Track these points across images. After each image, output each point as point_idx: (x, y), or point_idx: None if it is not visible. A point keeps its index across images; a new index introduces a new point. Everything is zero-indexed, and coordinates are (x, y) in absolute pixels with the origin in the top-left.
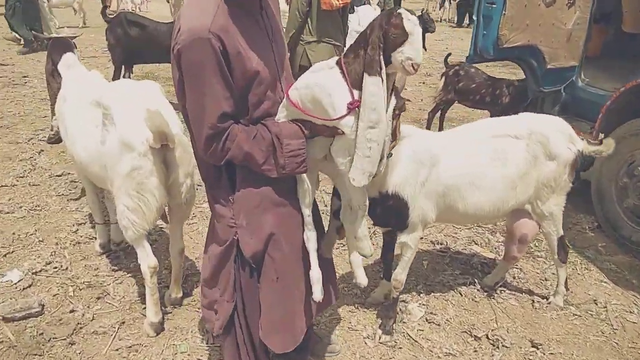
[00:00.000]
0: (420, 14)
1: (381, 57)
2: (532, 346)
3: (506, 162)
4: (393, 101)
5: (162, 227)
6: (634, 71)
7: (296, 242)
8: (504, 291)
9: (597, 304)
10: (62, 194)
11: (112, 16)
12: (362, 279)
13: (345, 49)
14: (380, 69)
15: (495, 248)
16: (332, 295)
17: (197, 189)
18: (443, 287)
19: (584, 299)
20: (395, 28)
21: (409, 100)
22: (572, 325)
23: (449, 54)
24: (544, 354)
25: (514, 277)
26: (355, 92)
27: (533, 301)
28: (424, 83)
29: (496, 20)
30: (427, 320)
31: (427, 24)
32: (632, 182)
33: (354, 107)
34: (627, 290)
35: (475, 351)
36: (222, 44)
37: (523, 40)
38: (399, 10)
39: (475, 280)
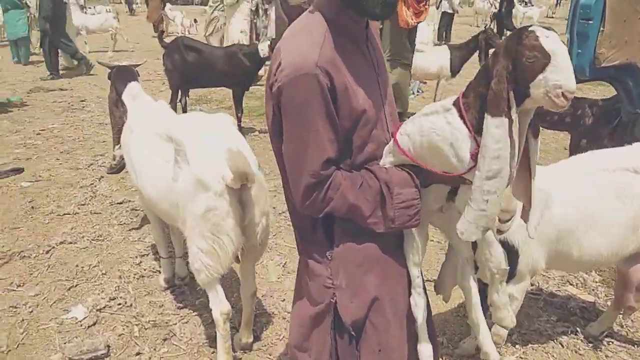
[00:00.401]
0: (484, 29)
1: (510, 92)
2: None
3: (627, 200)
4: (534, 145)
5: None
6: None
7: (400, 308)
8: (612, 342)
9: None
10: (124, 223)
11: (169, 42)
12: (494, 357)
13: (464, 88)
14: (509, 107)
15: (593, 290)
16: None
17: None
18: (540, 336)
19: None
20: (531, 50)
21: None
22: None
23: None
24: None
25: (622, 326)
26: (479, 138)
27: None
28: None
29: (593, 37)
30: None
31: (491, 40)
32: None
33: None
34: None
35: None
36: (329, 80)
37: (622, 58)
38: (530, 28)
39: (577, 328)
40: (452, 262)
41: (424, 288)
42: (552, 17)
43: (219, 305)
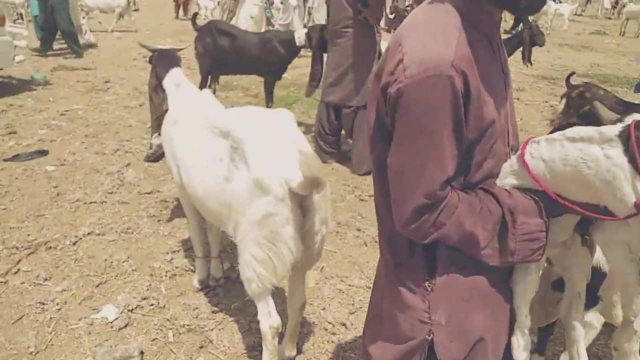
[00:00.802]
0: (529, 25)
1: None
2: None
3: None
4: None
5: None
6: None
7: (499, 349)
8: None
9: None
10: (153, 215)
11: (202, 25)
12: None
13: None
14: None
15: None
16: None
17: None
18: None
19: None
20: None
21: None
22: None
23: (573, 73)
24: None
25: None
26: None
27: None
28: (518, 99)
29: None
30: None
31: (536, 37)
32: None
33: None
34: None
35: None
36: (464, 84)
37: None
38: None
39: None
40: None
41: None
42: (582, 15)
43: (269, 318)
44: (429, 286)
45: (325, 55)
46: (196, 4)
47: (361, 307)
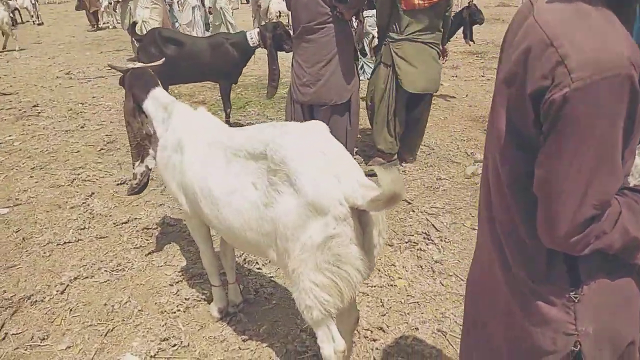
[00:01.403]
0: (467, 4)
1: None
2: None
3: None
4: None
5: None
6: None
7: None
8: None
9: None
10: (140, 246)
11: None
12: None
13: None
14: None
15: None
16: None
17: None
18: None
19: None
20: None
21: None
22: None
23: None
24: None
25: None
26: None
27: None
28: (456, 77)
29: None
30: None
31: (475, 16)
32: None
33: None
34: None
35: None
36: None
37: None
38: None
39: None
40: None
41: None
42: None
43: (333, 343)
44: (575, 297)
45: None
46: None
47: (390, 307)
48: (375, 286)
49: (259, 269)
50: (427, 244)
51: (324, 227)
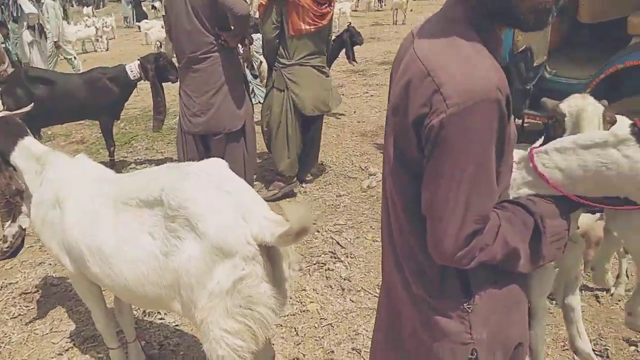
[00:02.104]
0: (347, 27)
1: None
2: (630, 345)
3: None
4: None
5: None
6: (599, 59)
7: (527, 345)
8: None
9: None
10: (19, 315)
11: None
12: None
13: None
14: None
15: None
16: None
17: None
18: None
19: (634, 281)
20: None
21: (342, 114)
22: None
23: None
24: None
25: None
26: None
27: (597, 297)
28: (343, 95)
29: None
30: None
31: (354, 37)
32: None
33: None
34: None
35: None
36: (507, 105)
37: (526, 43)
38: None
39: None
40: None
41: None
42: (357, 10)
43: None
44: (468, 307)
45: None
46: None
47: (305, 334)
48: (287, 315)
49: (161, 319)
50: (334, 263)
51: (232, 269)
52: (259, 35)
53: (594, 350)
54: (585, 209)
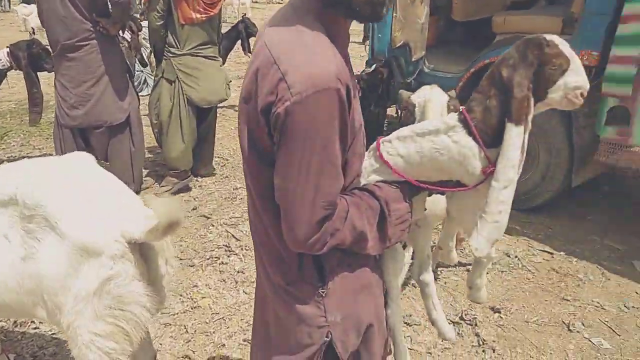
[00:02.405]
0: (242, 18)
1: (531, 99)
2: (495, 312)
3: None
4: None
5: None
6: (471, 55)
7: (383, 326)
8: (443, 271)
9: (509, 256)
10: None
11: None
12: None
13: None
14: (529, 114)
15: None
16: None
17: None
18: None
19: (499, 255)
20: (557, 58)
21: None
22: (506, 281)
23: None
24: (508, 316)
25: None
26: (489, 152)
27: (468, 271)
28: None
29: (389, 22)
30: (407, 324)
31: (249, 29)
32: None
33: (490, 172)
34: (519, 236)
35: (462, 336)
36: (347, 94)
37: (404, 39)
38: (548, 38)
39: None
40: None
41: None
42: (257, 2)
43: None
44: (323, 292)
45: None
46: None
47: (195, 331)
48: (177, 313)
49: (35, 328)
50: (228, 256)
51: (99, 269)
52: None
53: (464, 319)
54: (433, 192)
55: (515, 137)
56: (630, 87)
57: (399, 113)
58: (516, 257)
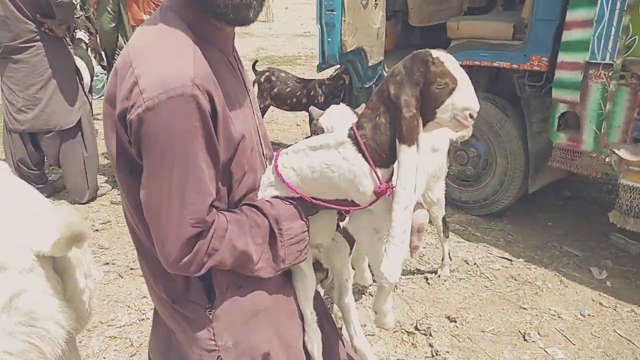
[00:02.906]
0: None
1: (420, 119)
2: (451, 321)
3: None
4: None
5: None
6: None
7: (298, 350)
8: (401, 279)
9: (468, 263)
10: None
11: None
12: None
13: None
14: (419, 134)
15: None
16: None
17: None
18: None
19: (457, 262)
20: (441, 77)
21: None
22: (464, 289)
23: (256, 61)
24: (463, 325)
25: (408, 261)
26: (380, 172)
27: (427, 279)
28: None
29: (338, 27)
30: None
31: None
32: (452, 153)
33: (384, 193)
34: (478, 243)
35: (416, 347)
36: (210, 101)
37: (356, 44)
38: (433, 55)
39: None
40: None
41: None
42: None
43: None
44: (210, 314)
45: None
46: None
47: (141, 344)
48: (124, 325)
49: None
50: None
51: (6, 284)
52: None
53: (418, 329)
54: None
55: (409, 158)
56: (578, 93)
57: (310, 134)
58: (475, 264)
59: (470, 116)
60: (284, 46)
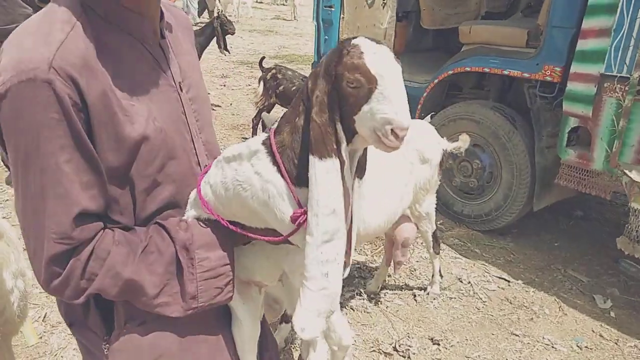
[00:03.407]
0: (217, 15)
1: (338, 124)
2: (434, 344)
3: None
4: (357, 188)
5: None
6: (438, 64)
7: None
8: (387, 293)
9: (462, 282)
10: None
11: None
12: None
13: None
14: (338, 144)
15: (362, 250)
16: None
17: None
18: None
19: (451, 279)
20: (352, 72)
21: (218, 106)
22: (453, 309)
23: (263, 57)
24: (447, 349)
25: (391, 277)
26: (300, 191)
27: (414, 295)
28: (224, 85)
29: (336, 24)
30: None
31: (225, 26)
32: (456, 164)
33: (300, 219)
34: (476, 260)
35: None
36: (75, 90)
37: None
38: (354, 41)
39: (361, 290)
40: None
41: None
42: (262, 2)
43: None
44: (105, 347)
45: None
46: None
47: None
48: None
49: None
50: None
51: None
52: None
53: (397, 350)
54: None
55: (322, 175)
56: (591, 108)
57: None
58: (469, 282)
59: (394, 134)
60: (306, 45)
